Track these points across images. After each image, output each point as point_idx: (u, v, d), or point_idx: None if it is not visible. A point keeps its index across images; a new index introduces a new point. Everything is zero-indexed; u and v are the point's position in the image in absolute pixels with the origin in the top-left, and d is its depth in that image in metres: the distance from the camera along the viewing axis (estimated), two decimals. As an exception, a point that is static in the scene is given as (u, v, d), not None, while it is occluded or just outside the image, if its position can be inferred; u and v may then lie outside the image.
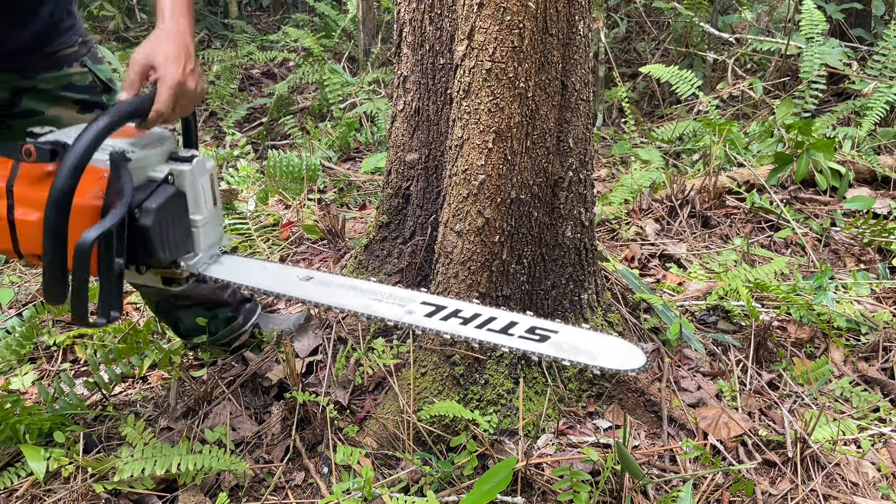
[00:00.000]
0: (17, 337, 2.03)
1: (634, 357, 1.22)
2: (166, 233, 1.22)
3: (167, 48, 1.22)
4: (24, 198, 1.19)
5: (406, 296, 1.31)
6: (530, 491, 1.54)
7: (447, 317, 1.27)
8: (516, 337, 1.23)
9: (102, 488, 1.54)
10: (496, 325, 1.25)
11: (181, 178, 1.25)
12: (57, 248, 1.13)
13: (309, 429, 1.70)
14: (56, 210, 1.11)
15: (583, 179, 1.75)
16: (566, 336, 1.23)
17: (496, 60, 1.47)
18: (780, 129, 3.36)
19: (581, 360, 1.20)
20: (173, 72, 1.20)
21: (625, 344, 1.24)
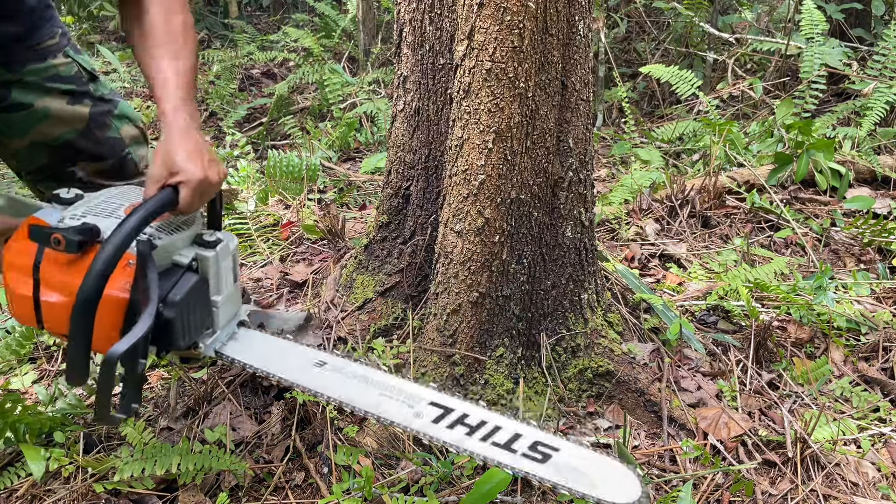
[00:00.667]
0: (17, 337, 2.02)
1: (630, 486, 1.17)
2: (188, 321, 1.24)
3: (181, 149, 1.26)
4: (51, 281, 1.22)
5: (416, 393, 1.30)
6: (530, 491, 1.54)
7: (453, 424, 1.26)
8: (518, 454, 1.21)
9: (102, 488, 1.54)
10: (500, 437, 1.24)
11: (205, 264, 1.27)
12: (83, 339, 1.16)
13: (309, 429, 1.70)
14: (83, 311, 1.14)
15: (583, 179, 1.75)
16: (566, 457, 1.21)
17: (496, 60, 1.47)
18: (780, 129, 3.36)
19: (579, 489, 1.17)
20: (194, 171, 1.24)
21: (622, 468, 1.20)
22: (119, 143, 1.65)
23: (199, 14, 6.55)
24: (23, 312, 1.26)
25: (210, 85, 5.04)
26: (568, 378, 1.78)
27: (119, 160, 1.66)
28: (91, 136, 1.59)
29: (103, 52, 5.03)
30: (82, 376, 1.20)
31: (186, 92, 1.33)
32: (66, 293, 1.19)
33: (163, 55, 1.34)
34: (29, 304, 1.24)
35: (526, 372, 1.74)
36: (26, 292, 1.23)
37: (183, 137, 1.27)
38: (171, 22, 1.37)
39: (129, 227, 1.15)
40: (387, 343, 1.85)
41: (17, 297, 1.25)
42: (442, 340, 1.66)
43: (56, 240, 1.19)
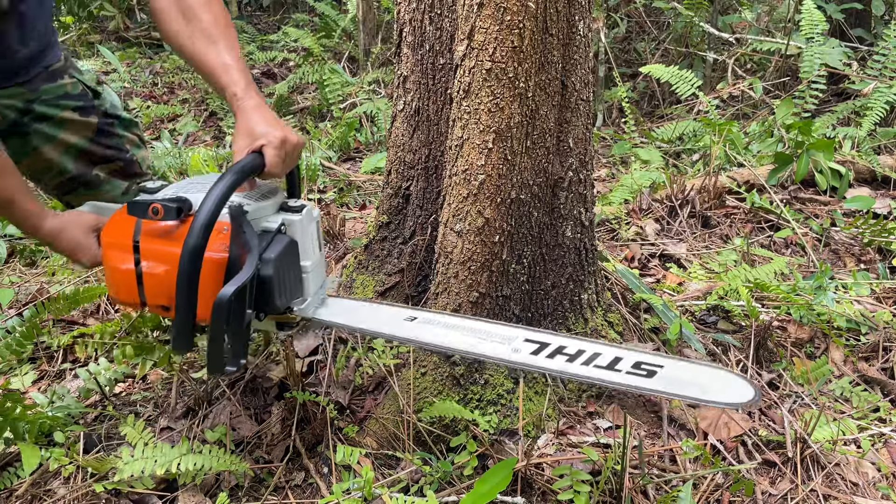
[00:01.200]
0: (17, 337, 2.03)
1: (743, 391, 1.19)
2: (283, 281, 1.29)
3: (259, 118, 1.36)
4: (151, 252, 1.28)
5: (509, 333, 1.33)
6: (530, 491, 1.54)
7: (552, 354, 1.28)
8: (623, 373, 1.23)
9: (102, 488, 1.54)
10: (602, 360, 1.25)
11: (293, 228, 1.33)
12: (190, 300, 1.22)
13: (309, 429, 1.70)
14: (190, 265, 1.19)
15: (583, 179, 1.75)
16: (672, 370, 1.22)
17: (496, 60, 1.47)
18: (780, 129, 3.36)
19: (690, 395, 1.18)
20: (274, 133, 1.33)
21: (731, 376, 1.22)
22: (124, 148, 1.85)
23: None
24: (125, 289, 1.31)
25: (210, 85, 5.03)
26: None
27: (126, 162, 1.85)
28: (100, 143, 1.79)
29: (103, 52, 5.03)
30: (188, 343, 1.25)
31: (247, 75, 1.43)
32: (167, 262, 1.24)
33: (218, 45, 1.44)
34: (131, 279, 1.29)
35: (525, 372, 1.74)
36: (128, 266, 1.29)
37: (257, 111, 1.37)
38: (214, 13, 1.46)
39: (219, 190, 1.20)
40: (387, 343, 1.85)
41: (119, 272, 1.30)
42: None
43: (154, 209, 1.25)
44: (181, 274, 1.20)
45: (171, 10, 1.47)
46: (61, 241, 1.47)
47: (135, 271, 1.29)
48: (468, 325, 1.38)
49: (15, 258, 2.81)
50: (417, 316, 1.41)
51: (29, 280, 2.61)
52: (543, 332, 1.34)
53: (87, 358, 2.08)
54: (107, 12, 6.14)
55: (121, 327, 2.18)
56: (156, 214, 1.26)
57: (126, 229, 1.30)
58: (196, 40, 1.45)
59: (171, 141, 4.03)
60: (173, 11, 1.46)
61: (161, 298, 1.29)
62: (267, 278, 1.25)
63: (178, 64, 5.56)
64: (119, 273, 1.31)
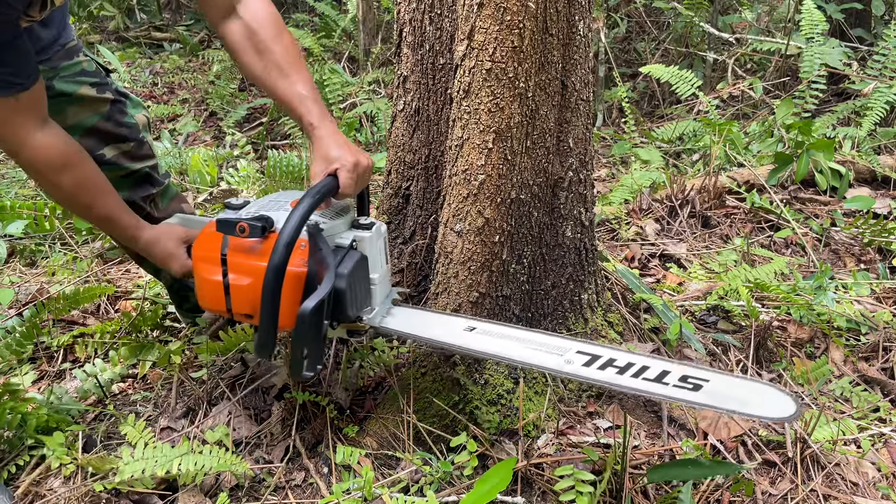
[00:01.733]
0: (17, 337, 2.03)
1: (784, 405, 1.22)
2: (354, 293, 1.41)
3: (334, 144, 1.48)
4: (237, 265, 1.41)
5: (562, 345, 1.39)
6: (530, 491, 1.54)
7: (603, 366, 1.33)
8: (671, 386, 1.27)
9: (102, 488, 1.54)
10: (650, 374, 1.30)
11: (363, 244, 1.45)
12: (273, 311, 1.33)
13: (309, 429, 1.70)
14: (274, 280, 1.31)
15: (583, 179, 1.75)
16: (717, 385, 1.25)
17: (496, 60, 1.47)
18: (780, 129, 3.36)
19: (735, 408, 1.22)
20: (347, 157, 1.45)
21: (772, 389, 1.25)
22: (135, 128, 1.85)
23: (199, 14, 6.55)
24: (213, 297, 1.45)
25: (210, 85, 5.03)
26: (568, 378, 1.78)
27: (138, 142, 1.85)
28: (113, 119, 1.79)
29: (103, 52, 5.02)
30: (270, 349, 1.37)
31: (321, 105, 1.54)
32: (252, 275, 1.38)
33: (291, 77, 1.54)
34: (219, 289, 1.43)
35: (526, 372, 1.74)
36: (217, 278, 1.43)
37: (332, 138, 1.49)
38: (285, 46, 1.56)
39: (300, 211, 1.33)
40: (387, 343, 1.85)
41: (208, 283, 1.44)
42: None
43: (241, 227, 1.38)
44: (265, 288, 1.32)
45: (245, 44, 1.56)
46: (156, 250, 1.62)
47: (222, 283, 1.42)
48: (523, 336, 1.44)
49: (15, 258, 2.81)
50: (476, 326, 1.48)
51: (29, 280, 2.61)
52: (594, 344, 1.39)
53: (86, 358, 2.08)
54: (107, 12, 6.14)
55: (120, 327, 2.18)
56: (242, 232, 1.38)
57: (215, 244, 1.44)
58: (270, 73, 1.55)
59: (171, 141, 4.03)
60: (247, 46, 1.56)
61: (245, 308, 1.42)
62: (341, 291, 1.36)
63: (177, 64, 5.57)
64: (208, 283, 1.44)
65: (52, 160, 1.49)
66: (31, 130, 1.45)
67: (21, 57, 1.37)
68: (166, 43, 6.20)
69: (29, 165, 1.50)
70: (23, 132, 1.44)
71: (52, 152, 1.48)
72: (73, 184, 1.52)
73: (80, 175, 1.53)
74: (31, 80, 1.41)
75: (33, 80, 1.41)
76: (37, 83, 1.43)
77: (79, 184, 1.53)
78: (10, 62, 1.35)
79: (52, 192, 1.57)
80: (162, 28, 6.48)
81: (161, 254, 1.63)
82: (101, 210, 1.58)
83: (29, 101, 1.42)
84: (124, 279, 2.58)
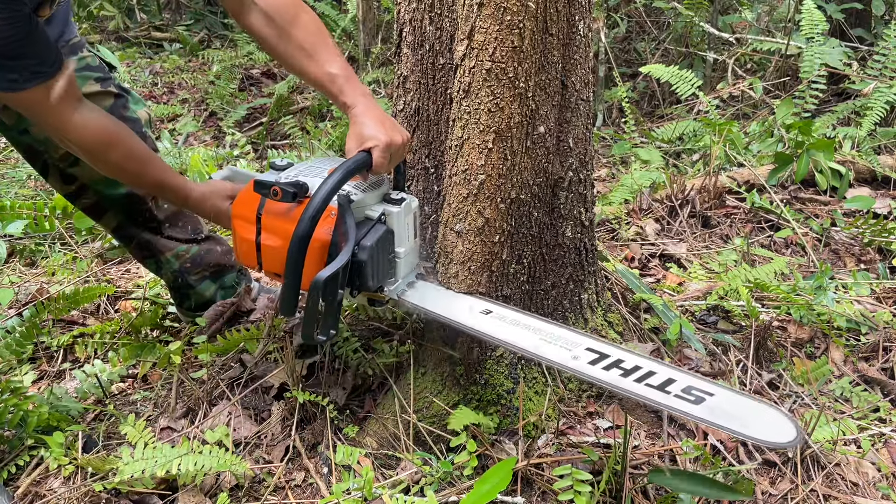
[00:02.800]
0: (17, 337, 2.03)
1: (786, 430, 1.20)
2: (377, 265, 1.46)
3: (368, 122, 1.51)
4: (269, 227, 1.47)
5: (573, 339, 1.42)
6: (530, 491, 1.54)
7: (609, 366, 1.34)
8: (672, 395, 1.27)
9: (102, 488, 1.54)
10: (654, 380, 1.30)
11: (391, 218, 1.50)
12: (296, 274, 1.39)
13: (309, 429, 1.70)
14: (298, 245, 1.37)
15: (583, 179, 1.75)
16: (720, 401, 1.25)
17: (496, 60, 1.47)
18: (780, 129, 3.36)
19: (732, 427, 1.21)
20: (381, 136, 1.48)
21: (774, 411, 1.24)
22: (138, 123, 1.88)
23: (199, 14, 6.55)
24: (246, 254, 1.51)
25: (210, 85, 5.03)
26: (568, 378, 1.78)
27: (141, 136, 1.83)
28: (117, 114, 1.78)
29: (103, 52, 5.01)
30: (292, 308, 1.42)
31: (353, 81, 1.58)
32: (282, 237, 1.43)
33: (317, 58, 1.57)
34: (252, 247, 1.49)
35: (526, 372, 1.74)
36: (250, 237, 1.49)
37: (366, 114, 1.53)
38: (305, 26, 1.58)
39: (332, 182, 1.38)
40: (387, 343, 1.85)
41: (243, 240, 1.51)
42: (442, 340, 1.66)
43: (275, 191, 1.43)
44: (290, 251, 1.38)
45: (266, 32, 1.60)
46: (205, 208, 1.67)
47: (255, 241, 1.48)
48: (536, 325, 1.46)
49: (15, 258, 2.81)
50: (493, 310, 1.51)
51: (29, 280, 2.61)
52: (605, 343, 1.41)
53: (86, 358, 2.08)
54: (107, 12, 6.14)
55: (120, 327, 2.18)
56: (276, 196, 1.43)
57: (252, 204, 1.49)
58: (296, 57, 1.59)
59: (171, 141, 4.03)
60: (269, 34, 1.59)
61: (275, 267, 1.47)
62: (362, 262, 1.42)
63: (177, 64, 5.57)
64: (244, 241, 1.51)
65: (98, 138, 1.54)
66: (70, 113, 1.49)
67: (42, 46, 1.41)
68: (166, 43, 6.19)
69: (77, 146, 1.55)
70: (63, 116, 1.49)
71: (96, 131, 1.54)
72: (121, 156, 1.58)
73: (126, 147, 1.59)
74: (57, 66, 1.45)
75: (59, 65, 1.45)
76: (63, 69, 1.47)
77: (126, 155, 1.59)
78: (32, 54, 1.40)
79: (104, 167, 1.62)
80: (162, 28, 6.48)
81: (210, 211, 1.68)
82: (151, 177, 1.64)
83: (61, 86, 1.46)
84: (124, 279, 2.58)
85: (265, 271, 1.52)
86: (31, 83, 1.41)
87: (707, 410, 1.23)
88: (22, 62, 1.39)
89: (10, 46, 1.35)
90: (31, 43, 1.39)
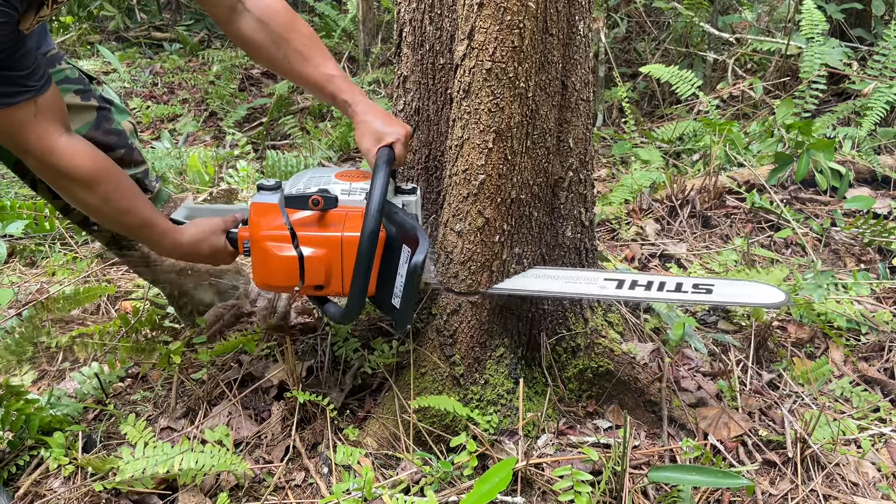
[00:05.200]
0: (17, 337, 2.03)
1: (777, 295, 1.53)
2: None
3: (378, 120, 1.55)
4: (308, 239, 1.48)
5: (591, 276, 1.63)
6: (530, 491, 1.54)
7: (632, 286, 1.56)
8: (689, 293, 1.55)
9: (102, 488, 1.54)
10: (668, 286, 1.56)
11: (410, 207, 1.58)
12: (367, 273, 1.42)
13: (309, 429, 1.70)
14: (369, 244, 1.40)
15: (583, 179, 1.75)
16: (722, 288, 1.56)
17: (496, 60, 1.47)
18: (780, 129, 3.35)
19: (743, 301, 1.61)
20: (398, 130, 1.53)
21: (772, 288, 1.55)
22: (123, 135, 1.79)
23: (199, 14, 6.55)
24: (284, 274, 1.49)
25: (210, 85, 5.03)
26: (568, 378, 1.78)
27: (127, 149, 1.80)
28: (101, 127, 1.74)
29: (103, 52, 5.02)
30: (357, 314, 1.49)
31: (349, 81, 1.61)
32: (325, 246, 1.47)
33: (313, 61, 1.59)
34: (294, 263, 1.47)
35: (526, 372, 1.74)
36: (290, 253, 1.47)
37: (372, 112, 1.57)
38: (299, 31, 1.60)
39: (382, 179, 1.42)
40: (387, 343, 1.85)
41: (280, 259, 1.48)
42: (442, 340, 1.66)
43: (315, 200, 1.46)
44: (361, 255, 1.40)
45: (259, 37, 1.59)
46: (202, 250, 1.60)
47: (297, 256, 1.47)
48: (553, 273, 1.64)
49: (15, 258, 2.81)
50: None
51: (29, 280, 2.61)
52: (617, 272, 1.65)
53: (86, 359, 2.08)
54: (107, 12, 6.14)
55: (120, 327, 2.18)
56: (316, 205, 1.46)
57: (276, 221, 1.49)
58: (292, 61, 1.59)
59: (171, 141, 4.02)
60: (262, 39, 1.59)
61: (318, 279, 1.49)
62: None
63: (177, 64, 5.57)
64: (278, 260, 1.48)
65: (86, 165, 1.44)
66: (56, 136, 1.40)
67: (30, 59, 1.34)
68: (166, 43, 6.19)
69: (58, 173, 1.43)
70: (49, 138, 1.39)
71: (84, 158, 1.44)
72: (109, 189, 1.48)
73: (113, 182, 1.49)
74: (45, 84, 1.38)
75: (47, 84, 1.38)
76: (51, 87, 1.40)
77: (115, 188, 1.49)
78: (19, 66, 1.32)
79: (87, 197, 1.48)
80: (162, 28, 6.48)
81: (209, 251, 1.60)
82: (138, 216, 1.53)
83: (49, 106, 1.38)
84: (124, 279, 2.58)
85: (305, 286, 1.49)
86: (19, 98, 1.33)
87: (718, 296, 1.54)
88: (9, 74, 1.31)
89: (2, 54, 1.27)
90: (19, 55, 1.31)
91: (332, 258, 1.46)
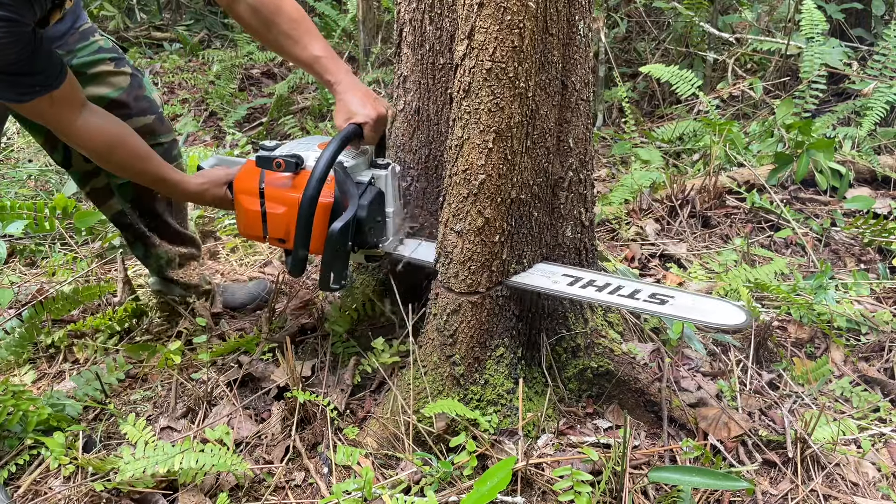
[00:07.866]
0: (17, 337, 2.03)
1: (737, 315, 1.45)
2: (373, 222, 1.65)
3: (354, 98, 1.68)
4: (272, 196, 1.64)
5: (550, 269, 1.67)
6: (530, 491, 1.54)
7: (585, 286, 1.58)
8: (641, 301, 1.51)
9: (102, 487, 1.54)
10: (624, 291, 1.54)
11: (379, 181, 1.69)
12: (306, 233, 1.57)
13: (309, 429, 1.70)
14: (308, 208, 1.55)
15: (583, 179, 1.75)
16: (681, 301, 1.50)
17: (496, 60, 1.47)
18: (780, 129, 3.35)
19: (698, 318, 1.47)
20: (369, 112, 1.66)
21: (730, 305, 1.48)
22: (154, 103, 1.97)
23: (199, 14, 6.55)
24: (251, 225, 1.68)
25: (210, 85, 5.03)
26: (568, 378, 1.78)
27: (159, 116, 1.97)
28: (133, 92, 1.90)
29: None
30: (302, 270, 1.62)
31: (336, 61, 1.72)
32: (286, 204, 1.61)
33: (301, 42, 1.71)
34: (257, 217, 1.66)
35: (526, 372, 1.74)
36: (255, 208, 1.66)
37: (351, 91, 1.69)
38: (289, 13, 1.70)
39: (331, 149, 1.56)
40: (387, 342, 1.85)
41: (248, 212, 1.67)
42: (442, 340, 1.66)
43: (278, 163, 1.61)
44: (300, 214, 1.54)
45: (253, 21, 1.71)
46: (207, 197, 1.81)
47: (260, 211, 1.65)
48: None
49: (15, 258, 2.81)
50: None
51: (29, 280, 2.61)
52: (578, 269, 1.67)
53: (86, 359, 2.08)
54: (107, 12, 6.13)
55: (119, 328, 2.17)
56: (278, 167, 1.61)
57: (253, 179, 1.66)
58: (282, 43, 1.72)
59: (171, 141, 4.02)
60: (255, 23, 1.71)
61: (279, 233, 1.65)
62: (361, 219, 1.60)
63: (177, 64, 5.56)
64: (248, 213, 1.67)
65: (101, 140, 1.65)
66: (73, 119, 1.60)
67: (46, 61, 1.49)
68: (166, 43, 6.19)
69: (82, 149, 1.68)
70: (67, 122, 1.59)
71: (98, 135, 1.64)
72: (124, 156, 1.69)
73: (128, 148, 1.69)
74: (61, 79, 1.53)
75: (62, 77, 1.53)
76: (66, 79, 1.54)
77: (129, 155, 1.70)
78: (37, 70, 1.47)
79: (108, 166, 1.75)
80: (162, 28, 6.48)
81: (212, 199, 1.81)
82: (152, 174, 1.75)
83: (62, 96, 1.54)
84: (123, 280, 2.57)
85: (269, 239, 1.66)
86: (36, 95, 1.50)
87: (673, 308, 1.47)
88: (28, 79, 1.47)
89: (17, 66, 1.42)
90: (36, 60, 1.45)
91: (291, 216, 1.59)
